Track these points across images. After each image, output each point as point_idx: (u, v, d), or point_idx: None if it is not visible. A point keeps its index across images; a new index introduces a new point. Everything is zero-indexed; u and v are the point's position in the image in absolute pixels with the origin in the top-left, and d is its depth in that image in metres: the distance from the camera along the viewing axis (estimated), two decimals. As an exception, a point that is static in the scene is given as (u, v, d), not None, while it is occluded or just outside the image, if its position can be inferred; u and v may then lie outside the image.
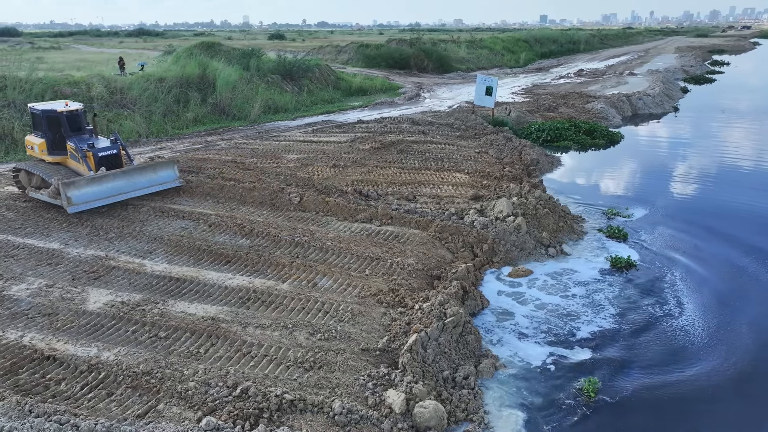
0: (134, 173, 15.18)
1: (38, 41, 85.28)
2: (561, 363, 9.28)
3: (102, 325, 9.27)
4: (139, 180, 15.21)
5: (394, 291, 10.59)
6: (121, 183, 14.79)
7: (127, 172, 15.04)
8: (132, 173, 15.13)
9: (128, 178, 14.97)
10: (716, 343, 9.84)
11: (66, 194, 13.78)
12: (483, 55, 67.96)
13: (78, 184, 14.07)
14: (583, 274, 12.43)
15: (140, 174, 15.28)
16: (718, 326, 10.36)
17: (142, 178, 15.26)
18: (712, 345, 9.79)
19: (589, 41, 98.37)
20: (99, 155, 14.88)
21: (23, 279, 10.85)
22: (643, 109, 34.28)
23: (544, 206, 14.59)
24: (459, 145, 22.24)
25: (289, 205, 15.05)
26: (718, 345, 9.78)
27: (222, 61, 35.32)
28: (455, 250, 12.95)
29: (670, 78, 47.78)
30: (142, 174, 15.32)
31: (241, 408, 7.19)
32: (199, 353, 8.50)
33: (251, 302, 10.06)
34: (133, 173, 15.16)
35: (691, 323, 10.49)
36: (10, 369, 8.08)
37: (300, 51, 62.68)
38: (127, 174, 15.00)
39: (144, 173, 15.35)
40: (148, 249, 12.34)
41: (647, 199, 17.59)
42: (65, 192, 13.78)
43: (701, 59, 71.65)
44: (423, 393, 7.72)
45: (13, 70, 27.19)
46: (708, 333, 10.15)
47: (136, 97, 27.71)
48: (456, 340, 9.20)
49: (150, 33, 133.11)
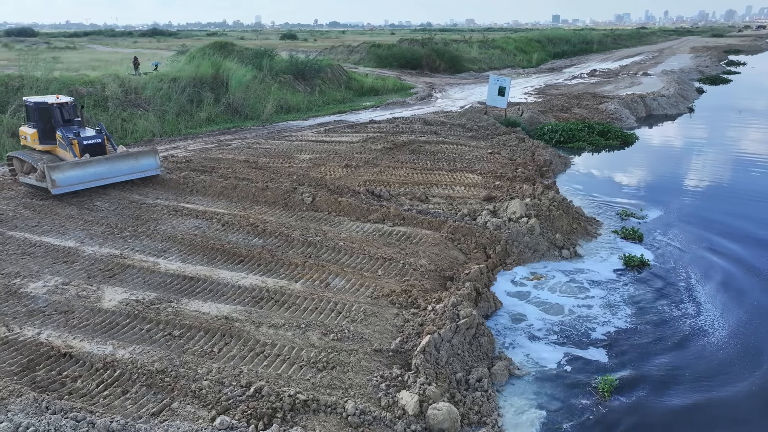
0: (116, 160, 16.04)
1: (54, 41, 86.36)
2: (575, 365, 9.20)
3: (117, 323, 9.34)
4: (121, 167, 16.09)
5: (407, 292, 10.56)
6: (103, 168, 15.73)
7: (110, 158, 15.90)
8: (114, 160, 15.98)
9: (111, 165, 15.85)
10: (735, 345, 9.71)
11: (50, 177, 14.75)
12: (495, 55, 67.70)
13: (62, 167, 15.02)
14: (597, 274, 12.33)
15: (122, 161, 16.14)
16: (737, 327, 10.21)
17: (123, 165, 16.13)
18: (731, 347, 9.65)
19: (602, 41, 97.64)
20: (84, 143, 15.84)
21: (40, 276, 10.98)
22: (657, 110, 33.95)
23: (557, 208, 14.49)
24: (471, 146, 22.16)
25: (301, 204, 15.08)
26: (737, 347, 9.64)
27: (235, 61, 35.50)
28: (468, 251, 12.90)
29: (685, 78, 47.27)
30: (125, 161, 16.18)
31: (254, 408, 7.21)
32: (212, 352, 8.54)
33: (264, 302, 10.08)
34: (116, 160, 16.02)
35: (708, 324, 10.35)
36: (28, 366, 8.17)
37: (312, 51, 62.85)
38: (110, 160, 15.86)
39: (126, 160, 16.22)
40: (162, 248, 12.42)
41: (662, 200, 17.41)
42: (50, 174, 14.74)
43: (717, 59, 70.82)
44: (436, 395, 7.68)
45: (29, 70, 27.51)
46: (727, 334, 10.01)
47: (150, 96, 27.94)
48: (469, 341, 9.16)
49: (163, 33, 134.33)
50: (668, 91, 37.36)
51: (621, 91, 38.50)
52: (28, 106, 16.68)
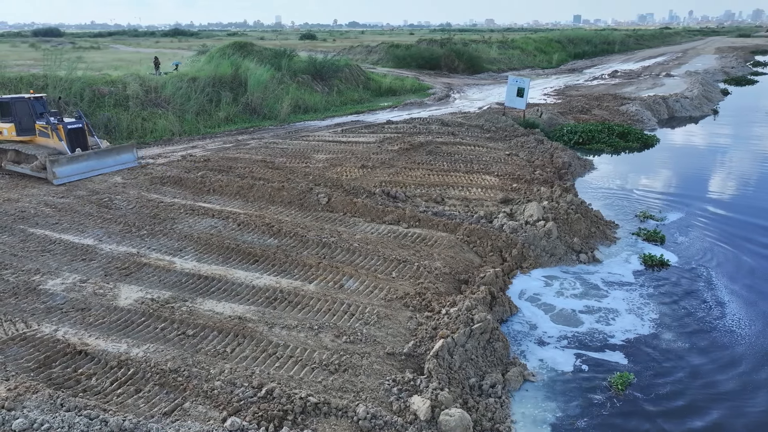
0: (103, 154, 18.51)
1: (79, 41, 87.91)
2: (592, 371, 9.01)
3: (132, 321, 9.42)
4: (107, 160, 18.54)
5: (421, 294, 10.47)
6: (93, 162, 18.09)
7: (99, 153, 18.40)
8: (102, 154, 18.46)
9: (99, 158, 18.34)
10: (762, 352, 9.43)
11: (52, 170, 16.94)
12: (514, 56, 67.16)
13: (61, 161, 17.14)
14: (616, 277, 12.11)
15: (107, 155, 18.62)
16: (764, 333, 9.93)
17: (109, 158, 18.59)
18: (758, 354, 9.38)
19: (624, 42, 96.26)
20: (68, 128, 17.91)
21: (59, 274, 11.13)
22: (680, 112, 33.30)
23: (575, 211, 14.26)
24: (489, 147, 21.96)
25: (317, 205, 15.08)
26: (764, 354, 9.37)
27: (254, 61, 35.72)
28: (483, 254, 12.76)
29: (710, 80, 46.33)
30: (109, 155, 18.67)
31: (265, 409, 7.19)
32: (225, 352, 8.55)
33: (278, 302, 10.08)
34: (102, 154, 18.48)
35: (734, 330, 10.07)
36: (44, 362, 8.26)
37: (330, 51, 63.01)
38: (99, 155, 18.38)
39: (110, 155, 18.73)
40: (179, 247, 12.52)
41: (683, 203, 17.05)
42: (51, 168, 16.92)
43: (743, 60, 69.33)
44: (449, 400, 7.59)
45: (53, 70, 28.00)
46: (754, 341, 9.74)
47: (169, 96, 28.25)
48: (483, 346, 9.04)
49: (185, 33, 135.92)
50: (692, 93, 36.63)
51: (643, 93, 37.86)
52: (3, 102, 18.35)
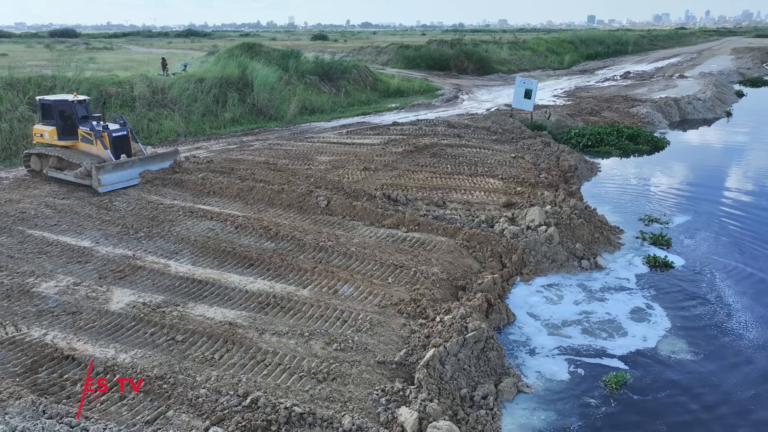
0: (148, 161, 17.62)
1: (93, 42, 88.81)
2: (590, 382, 8.76)
3: (122, 325, 9.33)
4: (151, 167, 17.63)
5: (416, 301, 10.28)
6: (138, 169, 17.24)
7: (144, 159, 17.53)
8: (146, 161, 17.58)
9: (143, 165, 17.43)
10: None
11: (98, 177, 16.04)
12: (525, 57, 66.62)
13: (106, 168, 16.30)
14: (617, 284, 11.81)
15: (152, 162, 17.73)
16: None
17: (153, 165, 17.69)
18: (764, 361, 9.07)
19: (638, 42, 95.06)
20: (113, 135, 17.20)
21: (53, 276, 11.09)
22: (692, 114, 32.71)
23: (579, 216, 13.97)
24: (494, 150, 21.69)
25: (316, 208, 14.93)
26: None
27: (262, 61, 35.71)
28: (483, 259, 12.53)
29: (724, 81, 45.52)
30: (153, 162, 17.78)
31: (249, 419, 7.04)
32: (213, 359, 8.43)
33: (270, 308, 9.94)
34: (147, 161, 17.61)
35: (741, 336, 9.75)
36: (31, 367, 8.20)
37: (340, 51, 62.94)
38: (143, 161, 17.50)
39: (155, 161, 17.86)
40: (175, 249, 12.44)
41: (690, 206, 16.70)
42: (97, 175, 16.03)
43: (759, 61, 68.18)
44: (437, 412, 7.38)
45: (62, 71, 28.18)
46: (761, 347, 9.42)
47: (176, 96, 28.31)
48: (477, 356, 8.82)
49: (198, 33, 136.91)
50: (705, 95, 35.99)
51: (654, 94, 37.29)
52: (46, 104, 17.52)
